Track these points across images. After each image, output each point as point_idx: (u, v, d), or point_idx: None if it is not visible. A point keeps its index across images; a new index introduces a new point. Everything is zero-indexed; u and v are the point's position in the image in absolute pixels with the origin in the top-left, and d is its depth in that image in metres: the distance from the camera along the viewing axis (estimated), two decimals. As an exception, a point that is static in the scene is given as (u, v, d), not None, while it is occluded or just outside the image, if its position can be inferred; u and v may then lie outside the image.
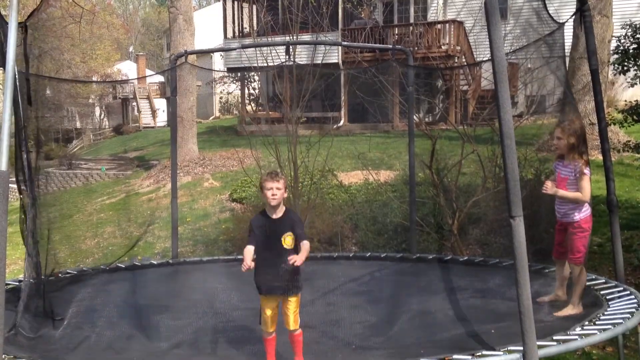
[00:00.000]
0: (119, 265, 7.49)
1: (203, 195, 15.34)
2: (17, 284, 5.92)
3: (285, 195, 4.32)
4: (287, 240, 4.22)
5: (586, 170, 4.71)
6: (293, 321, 4.24)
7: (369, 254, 8.04)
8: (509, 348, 3.79)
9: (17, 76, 4.31)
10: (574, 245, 4.81)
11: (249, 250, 4.22)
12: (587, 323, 4.28)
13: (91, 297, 5.90)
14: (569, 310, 4.74)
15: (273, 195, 4.20)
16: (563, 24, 5.66)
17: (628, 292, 5.12)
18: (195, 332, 4.85)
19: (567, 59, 13.51)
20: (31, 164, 5.12)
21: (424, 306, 5.33)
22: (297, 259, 4.06)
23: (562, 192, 4.75)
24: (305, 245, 4.19)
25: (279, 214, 4.28)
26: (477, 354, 3.75)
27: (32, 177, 5.14)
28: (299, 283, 4.26)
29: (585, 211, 4.83)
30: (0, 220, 3.52)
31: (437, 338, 4.41)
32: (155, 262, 7.96)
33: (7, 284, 5.91)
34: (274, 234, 4.23)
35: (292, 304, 4.26)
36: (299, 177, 9.50)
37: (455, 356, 3.73)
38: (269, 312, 4.27)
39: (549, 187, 4.74)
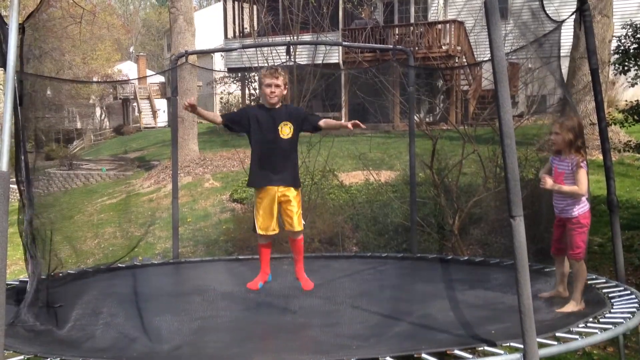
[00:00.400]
0: (120, 265, 7.49)
1: (204, 195, 15.35)
2: (18, 283, 5.93)
3: (285, 92, 4.15)
4: (284, 130, 4.05)
5: (582, 164, 4.73)
6: (297, 221, 4.05)
7: (370, 254, 8.04)
8: (510, 347, 3.79)
9: (16, 77, 4.32)
10: (573, 240, 4.82)
11: (214, 115, 4.14)
12: (588, 322, 4.28)
13: (92, 298, 5.90)
14: (571, 307, 4.74)
15: (272, 92, 4.05)
16: (561, 23, 5.66)
17: (629, 292, 5.12)
18: (196, 332, 4.85)
19: (568, 59, 13.54)
20: (29, 164, 5.12)
21: (425, 306, 5.33)
22: (357, 123, 3.90)
23: (558, 186, 4.78)
24: (327, 120, 4.07)
25: (276, 108, 4.13)
26: (479, 349, 3.75)
27: (30, 177, 5.14)
28: (298, 178, 4.09)
29: (584, 207, 4.86)
30: (0, 221, 3.52)
31: (438, 338, 4.40)
32: (156, 263, 7.96)
33: (7, 284, 5.91)
34: (271, 123, 4.05)
35: (294, 200, 4.04)
36: (300, 177, 9.49)
37: (456, 351, 3.74)
38: (265, 211, 4.05)
39: (546, 182, 4.77)
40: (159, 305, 5.65)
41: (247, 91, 25.70)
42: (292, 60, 8.63)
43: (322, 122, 4.11)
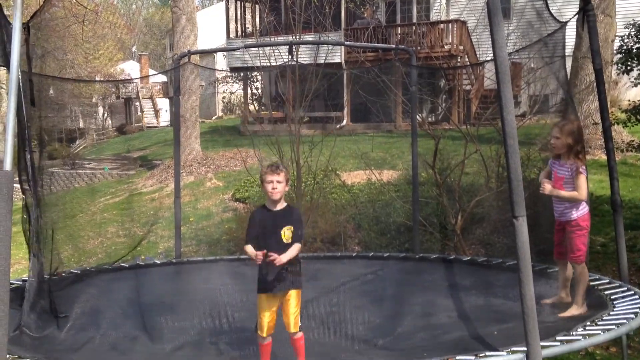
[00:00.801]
0: (123, 264, 7.50)
1: (206, 195, 15.35)
2: (21, 283, 5.93)
3: (287, 188, 4.20)
4: (287, 234, 4.08)
5: (582, 170, 4.72)
6: (293, 323, 4.12)
7: (372, 253, 8.04)
8: (512, 348, 3.78)
9: (20, 76, 4.33)
10: (573, 243, 4.82)
11: (250, 248, 4.11)
12: (591, 323, 4.28)
13: (95, 297, 5.91)
14: (573, 311, 4.73)
15: (273, 188, 4.09)
16: (565, 23, 5.65)
17: (632, 292, 5.11)
18: (199, 332, 4.86)
19: (570, 59, 13.53)
20: (34, 164, 5.13)
21: (427, 306, 5.33)
22: (277, 257, 3.93)
23: (557, 192, 4.78)
24: (295, 247, 4.06)
25: (279, 207, 4.16)
26: (481, 355, 3.74)
27: (36, 177, 5.14)
28: (299, 279, 4.14)
29: (583, 209, 4.84)
30: (4, 220, 3.53)
31: (440, 338, 4.41)
32: (158, 262, 7.97)
33: (11, 284, 5.92)
34: (273, 227, 4.09)
35: (292, 302, 4.11)
36: (302, 177, 9.50)
37: (458, 357, 3.73)
38: (267, 313, 4.14)
39: (545, 187, 4.77)
40: (161, 305, 5.66)
41: (249, 91, 25.70)
42: (295, 59, 8.62)
43: (293, 244, 4.13)
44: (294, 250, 4.05)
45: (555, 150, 4.86)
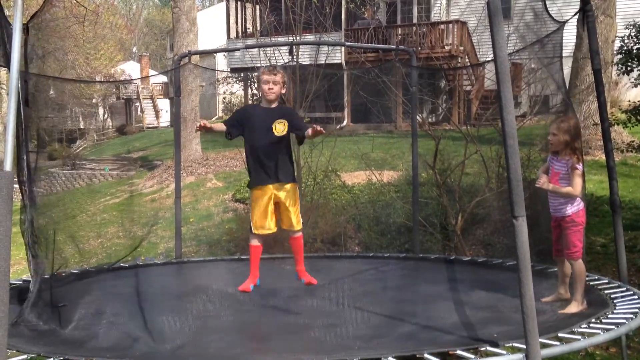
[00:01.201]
0: (123, 265, 7.50)
1: (206, 195, 15.36)
2: (21, 283, 5.94)
3: (283, 91, 4.19)
4: (278, 128, 4.10)
5: (578, 166, 4.79)
6: (296, 219, 4.10)
7: (372, 254, 8.04)
8: (512, 345, 3.79)
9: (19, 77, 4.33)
10: (568, 240, 4.85)
11: (219, 125, 4.17)
12: (590, 323, 4.28)
13: (95, 298, 5.91)
14: (573, 308, 4.75)
15: (269, 88, 4.09)
16: (564, 23, 5.66)
17: (631, 292, 5.11)
18: (198, 332, 4.86)
19: (570, 59, 13.53)
20: (31, 164, 5.13)
21: (427, 306, 5.33)
22: (317, 127, 3.97)
23: (552, 186, 4.84)
24: (312, 128, 4.08)
25: (270, 105, 4.19)
26: (481, 349, 3.75)
27: (32, 177, 5.15)
28: (292, 173, 4.14)
29: (578, 205, 4.88)
30: (4, 221, 3.53)
31: (440, 338, 4.40)
32: (158, 262, 7.97)
33: (11, 284, 5.93)
34: (265, 121, 4.11)
35: (291, 198, 4.07)
36: (302, 177, 9.50)
37: (459, 351, 3.74)
38: (261, 210, 4.10)
39: (542, 181, 4.85)
40: (161, 305, 5.66)
41: (249, 91, 25.71)
42: (295, 60, 8.63)
43: (307, 132, 4.18)
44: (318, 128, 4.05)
45: (552, 147, 4.92)
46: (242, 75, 25.88)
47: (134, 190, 18.48)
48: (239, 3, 24.76)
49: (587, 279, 5.70)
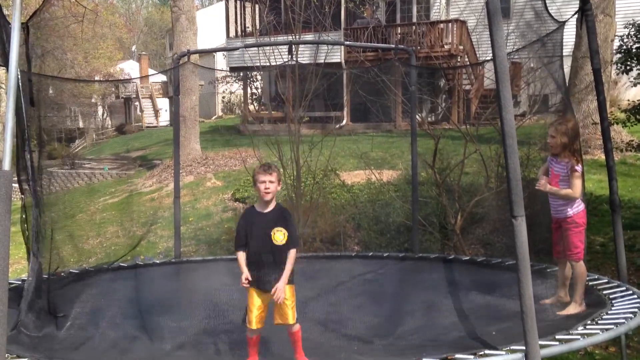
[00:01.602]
0: (122, 264, 7.50)
1: (205, 194, 15.34)
2: (20, 283, 5.93)
3: (279, 188, 4.20)
4: (277, 237, 4.10)
5: (578, 168, 4.80)
6: (292, 315, 4.09)
7: (372, 253, 8.03)
8: (511, 348, 3.78)
9: (19, 76, 4.33)
10: (570, 241, 4.86)
11: (242, 258, 4.13)
12: (589, 323, 4.28)
13: (94, 297, 5.91)
14: (571, 309, 4.75)
15: (266, 189, 4.09)
16: (564, 23, 5.65)
17: (631, 292, 5.11)
18: (198, 332, 4.86)
19: (570, 59, 13.53)
20: (34, 163, 5.13)
21: (426, 306, 5.33)
22: (279, 291, 3.98)
23: (552, 188, 4.86)
24: (291, 255, 4.07)
25: (269, 208, 4.17)
26: (480, 354, 3.74)
27: (35, 176, 5.14)
28: (292, 276, 4.13)
29: (578, 207, 4.89)
30: (3, 220, 3.53)
31: (439, 338, 4.41)
32: (157, 262, 7.97)
33: (10, 283, 5.92)
34: (264, 229, 4.11)
35: (288, 297, 4.09)
36: (302, 176, 9.50)
37: (457, 355, 3.73)
38: (256, 307, 4.13)
39: (541, 183, 4.87)
40: (160, 304, 5.66)
41: (249, 90, 25.70)
42: (294, 59, 8.62)
43: (288, 253, 4.15)
44: (291, 258, 4.07)
45: (552, 150, 4.93)
46: (241, 74, 25.87)
47: (133, 189, 18.46)
48: (238, 2, 24.74)
49: (587, 278, 5.70)
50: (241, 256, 4.17)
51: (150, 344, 4.48)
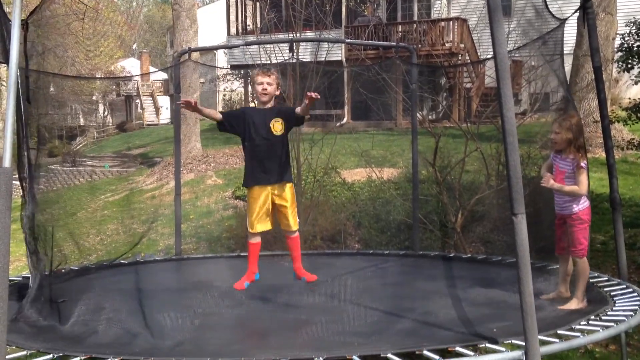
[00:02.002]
0: (122, 262, 7.51)
1: (206, 192, 15.36)
2: (20, 280, 5.94)
3: (277, 92, 4.28)
4: (276, 126, 4.22)
5: (583, 164, 4.78)
6: (293, 220, 4.24)
7: (372, 251, 8.04)
8: (512, 342, 3.79)
9: (19, 73, 4.33)
10: (574, 237, 4.85)
11: (212, 111, 4.39)
12: (590, 320, 4.28)
13: (94, 294, 5.91)
14: (572, 305, 4.76)
15: (264, 89, 4.19)
16: (564, 20, 5.65)
17: (631, 289, 5.12)
18: (198, 329, 4.86)
19: (571, 57, 13.53)
20: (32, 161, 5.13)
21: (427, 304, 5.33)
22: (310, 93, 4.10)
23: (558, 186, 4.83)
24: (302, 106, 4.20)
25: (265, 105, 4.31)
26: (480, 346, 3.75)
27: (33, 174, 5.15)
28: (289, 172, 4.28)
29: (584, 203, 4.89)
30: (3, 217, 3.53)
31: (439, 335, 4.40)
32: (158, 259, 7.98)
33: (10, 280, 5.92)
34: (263, 121, 4.22)
35: (288, 198, 4.20)
36: (302, 174, 9.50)
37: (458, 348, 3.74)
38: (256, 208, 4.23)
39: (548, 181, 4.84)
40: (161, 301, 5.67)
41: (249, 89, 25.67)
42: (295, 57, 8.62)
43: (297, 110, 4.31)
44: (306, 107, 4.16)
45: (556, 146, 4.91)
46: (242, 72, 25.86)
47: (134, 187, 18.48)
48: (239, 0, 24.73)
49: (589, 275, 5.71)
50: (212, 110, 4.45)
51: (150, 341, 4.48)
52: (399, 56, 8.84)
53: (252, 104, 25.39)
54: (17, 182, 5.14)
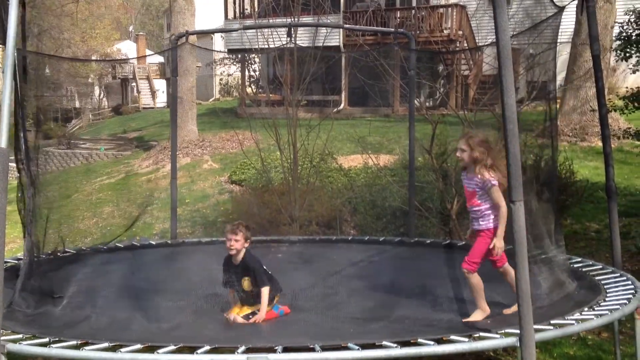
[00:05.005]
0: (118, 245, 7.51)
1: (202, 176, 15.34)
2: (16, 262, 5.93)
3: (247, 245, 4.84)
4: (245, 284, 4.78)
5: (494, 181, 4.45)
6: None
7: (368, 237, 8.05)
8: (506, 331, 3.81)
9: (16, 54, 4.29)
10: (476, 248, 4.63)
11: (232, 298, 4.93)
12: (584, 308, 4.30)
13: (89, 276, 5.92)
14: (478, 315, 4.55)
15: (230, 246, 4.79)
16: (562, 8, 5.62)
17: (625, 278, 5.14)
18: (193, 313, 4.88)
19: (569, 45, 13.50)
20: (29, 142, 5.11)
21: (422, 290, 5.36)
22: (259, 318, 4.61)
23: (500, 237, 4.48)
24: (263, 295, 4.70)
25: (238, 260, 4.83)
26: (475, 336, 3.76)
27: (30, 155, 5.13)
28: (257, 299, 4.75)
29: (496, 219, 4.57)
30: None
31: (434, 322, 4.43)
32: (154, 243, 7.97)
33: (5, 262, 5.92)
34: (236, 277, 4.84)
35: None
36: (299, 160, 9.48)
37: (452, 336, 3.75)
38: (236, 311, 4.80)
39: (497, 248, 4.49)
40: (156, 285, 5.67)
41: (247, 73, 25.56)
42: (293, 42, 8.57)
43: (261, 292, 4.76)
44: (264, 297, 4.70)
45: (462, 163, 4.64)
46: (239, 56, 25.70)
47: (129, 170, 18.44)
48: (236, -17, 24.54)
49: (581, 264, 5.74)
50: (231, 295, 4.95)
51: (145, 325, 4.49)
52: (397, 42, 8.79)
53: (248, 89, 25.35)
54: (14, 164, 5.13)
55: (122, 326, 4.41)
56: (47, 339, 3.78)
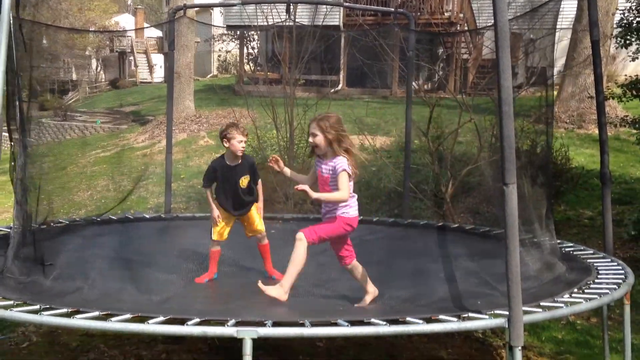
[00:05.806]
0: (112, 217, 7.51)
1: (198, 153, 15.31)
2: (9, 230, 5.93)
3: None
4: (244, 182, 4.94)
5: (347, 168, 4.17)
6: (261, 225, 5.09)
7: (361, 217, 8.04)
8: (494, 312, 3.84)
9: (11, 22, 4.25)
10: (319, 225, 4.35)
11: (210, 195, 5.05)
12: (573, 292, 4.33)
13: (82, 248, 5.93)
14: (369, 298, 4.44)
15: (244, 148, 4.92)
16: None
17: (616, 263, 5.18)
18: (185, 287, 4.89)
19: (570, 31, 13.44)
20: (24, 112, 5.08)
21: (413, 270, 5.39)
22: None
23: (317, 195, 4.22)
24: (260, 187, 5.15)
25: (238, 161, 4.97)
26: (464, 316, 3.79)
27: (25, 125, 5.10)
28: (253, 198, 5.05)
29: (349, 210, 4.38)
30: (-8, 166, 3.51)
31: (424, 302, 4.45)
32: (147, 217, 7.97)
33: (-1, 231, 5.93)
34: (233, 178, 4.92)
35: (254, 212, 5.07)
36: (295, 139, 9.47)
37: (441, 316, 3.77)
38: (223, 224, 4.99)
39: (299, 188, 4.19)
40: (149, 258, 5.69)
41: (245, 50, 25.41)
42: (292, 19, 8.50)
43: (258, 186, 5.16)
44: (261, 191, 5.16)
45: (317, 150, 4.32)
46: (238, 33, 25.53)
47: (125, 144, 18.39)
48: (237, -42, 24.28)
49: (572, 248, 5.78)
50: (209, 194, 5.06)
51: (137, 296, 4.50)
52: (397, 22, 8.73)
53: (246, 67, 25.19)
54: (6, 134, 5.10)
55: (114, 297, 4.42)
56: (37, 306, 3.79)
